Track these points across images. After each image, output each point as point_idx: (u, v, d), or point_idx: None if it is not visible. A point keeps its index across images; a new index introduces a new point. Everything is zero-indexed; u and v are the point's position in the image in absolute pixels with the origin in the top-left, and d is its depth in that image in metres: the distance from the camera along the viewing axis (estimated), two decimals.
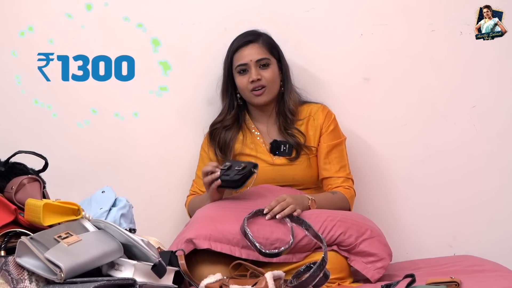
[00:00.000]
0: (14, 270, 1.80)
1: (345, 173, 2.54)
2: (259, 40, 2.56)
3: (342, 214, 2.33)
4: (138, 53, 2.78)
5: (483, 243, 2.78)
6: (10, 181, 2.11)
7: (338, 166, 2.54)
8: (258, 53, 2.53)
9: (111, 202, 2.24)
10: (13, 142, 2.67)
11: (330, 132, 2.57)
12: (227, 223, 2.23)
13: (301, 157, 2.55)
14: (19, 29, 2.75)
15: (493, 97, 2.79)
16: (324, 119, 2.57)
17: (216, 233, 2.19)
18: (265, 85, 2.52)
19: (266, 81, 2.52)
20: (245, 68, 2.53)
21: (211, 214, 2.30)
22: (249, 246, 2.18)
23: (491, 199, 2.81)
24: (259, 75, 2.51)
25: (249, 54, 2.53)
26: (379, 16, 2.77)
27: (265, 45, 2.56)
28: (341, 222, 2.25)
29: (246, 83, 2.53)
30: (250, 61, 2.52)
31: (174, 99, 2.80)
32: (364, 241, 2.23)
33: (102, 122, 2.78)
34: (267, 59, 2.54)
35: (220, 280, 2.00)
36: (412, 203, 2.82)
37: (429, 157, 2.81)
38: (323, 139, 2.56)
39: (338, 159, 2.55)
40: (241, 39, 2.57)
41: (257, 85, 2.51)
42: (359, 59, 2.79)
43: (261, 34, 2.59)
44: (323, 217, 2.27)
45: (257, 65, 2.52)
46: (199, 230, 2.21)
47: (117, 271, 1.87)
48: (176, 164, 2.79)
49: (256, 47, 2.54)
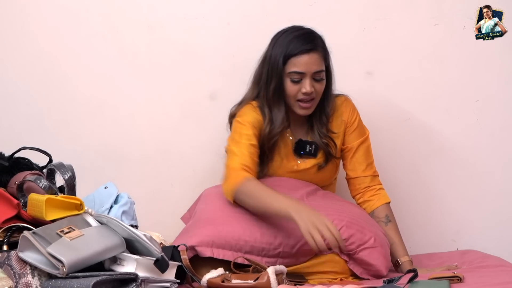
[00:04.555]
0: (16, 265, 1.80)
1: (371, 171, 2.47)
2: (318, 49, 2.34)
3: (350, 216, 2.28)
4: (140, 48, 2.78)
5: (486, 238, 2.78)
6: (14, 176, 2.11)
7: (364, 164, 2.46)
8: (317, 64, 2.33)
9: (112, 198, 2.24)
10: (17, 137, 2.68)
11: (355, 130, 2.47)
12: (230, 227, 2.22)
13: (329, 164, 2.45)
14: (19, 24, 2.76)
15: (496, 91, 2.79)
16: (348, 115, 2.46)
17: (218, 239, 2.18)
18: (314, 98, 2.36)
19: (317, 94, 2.35)
20: (299, 78, 2.32)
21: (214, 216, 2.28)
22: (252, 251, 2.18)
23: (494, 193, 2.81)
24: (312, 88, 2.32)
25: (309, 64, 2.32)
26: (382, 10, 2.77)
27: (322, 54, 2.36)
28: (346, 227, 2.22)
29: (297, 92, 2.33)
30: (308, 71, 2.32)
31: (177, 94, 2.80)
32: (365, 250, 2.21)
33: (105, 117, 2.79)
34: (322, 72, 2.35)
35: (222, 274, 2.00)
36: (415, 198, 2.82)
37: (432, 151, 2.81)
38: (349, 139, 2.47)
39: (364, 157, 2.47)
40: (301, 43, 2.33)
41: (307, 98, 2.34)
42: (362, 53, 2.79)
43: (318, 38, 2.37)
44: (329, 219, 2.20)
45: (312, 76, 2.33)
46: (201, 236, 2.19)
47: (119, 265, 1.87)
48: (179, 159, 2.79)
49: (315, 57, 2.33)
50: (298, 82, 2.32)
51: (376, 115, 2.79)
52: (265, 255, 2.21)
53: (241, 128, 2.36)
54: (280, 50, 2.34)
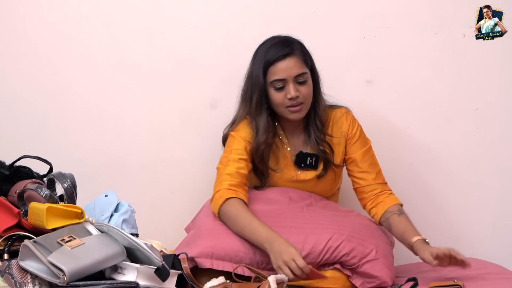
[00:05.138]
0: (17, 274, 1.80)
1: (381, 179, 2.44)
2: (296, 52, 2.34)
3: (350, 229, 2.27)
4: (141, 56, 2.78)
5: (487, 246, 2.78)
6: (14, 185, 2.12)
7: (374, 173, 2.43)
8: (297, 67, 2.33)
9: (113, 207, 2.24)
10: (17, 145, 2.68)
11: (357, 140, 2.45)
12: (229, 239, 2.22)
13: (329, 172, 2.44)
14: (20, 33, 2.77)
15: (496, 99, 2.79)
16: (349, 127, 2.45)
17: (218, 251, 2.19)
18: (303, 102, 2.35)
19: (304, 97, 2.34)
20: (282, 84, 2.33)
21: (214, 228, 2.28)
22: (252, 264, 2.19)
23: (494, 201, 2.81)
24: (297, 92, 2.33)
25: (288, 69, 2.32)
26: (382, 18, 2.77)
27: (301, 57, 2.35)
28: (346, 242, 2.21)
29: (283, 99, 2.34)
30: (288, 76, 2.32)
31: (178, 102, 2.80)
32: (368, 263, 2.20)
33: (105, 125, 2.79)
34: (305, 74, 2.34)
35: (223, 283, 2.00)
36: (415, 206, 2.80)
37: (432, 159, 2.81)
38: (351, 150, 2.45)
39: (372, 166, 2.44)
40: (277, 50, 2.34)
41: (295, 102, 2.34)
42: (362, 61, 2.79)
43: (294, 42, 2.38)
44: (329, 233, 2.22)
45: (295, 80, 2.33)
46: (201, 248, 2.20)
47: (120, 274, 1.87)
48: (179, 167, 2.79)
49: (293, 61, 2.33)
50: (282, 89, 2.34)
51: (376, 123, 2.79)
52: (264, 268, 2.21)
53: (233, 142, 2.40)
54: (259, 62, 2.36)
